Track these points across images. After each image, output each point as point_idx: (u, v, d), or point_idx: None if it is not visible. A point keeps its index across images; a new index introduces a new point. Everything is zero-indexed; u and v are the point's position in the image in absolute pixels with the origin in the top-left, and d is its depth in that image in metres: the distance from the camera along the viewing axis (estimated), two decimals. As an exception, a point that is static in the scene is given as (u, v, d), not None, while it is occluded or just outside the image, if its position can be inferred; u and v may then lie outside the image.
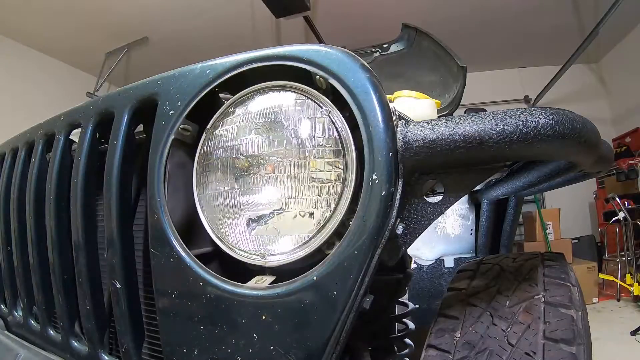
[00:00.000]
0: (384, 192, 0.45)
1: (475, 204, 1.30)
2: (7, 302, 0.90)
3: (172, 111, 0.57)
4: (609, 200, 4.08)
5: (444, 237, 1.34)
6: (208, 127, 0.55)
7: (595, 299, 3.78)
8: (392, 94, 1.16)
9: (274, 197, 0.49)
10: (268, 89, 0.52)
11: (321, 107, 0.49)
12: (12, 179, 0.85)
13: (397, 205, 0.46)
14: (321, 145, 0.48)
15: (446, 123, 0.46)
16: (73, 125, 0.72)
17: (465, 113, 0.51)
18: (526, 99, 5.76)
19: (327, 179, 0.48)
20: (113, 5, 4.01)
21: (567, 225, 4.78)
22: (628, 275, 3.64)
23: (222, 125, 0.54)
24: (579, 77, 5.57)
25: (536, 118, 0.44)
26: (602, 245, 4.74)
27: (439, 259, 1.38)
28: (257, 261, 0.51)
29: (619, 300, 3.75)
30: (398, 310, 0.79)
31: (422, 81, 1.89)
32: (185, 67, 0.59)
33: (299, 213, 0.49)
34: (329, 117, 0.49)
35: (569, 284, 0.63)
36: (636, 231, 3.89)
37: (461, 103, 1.65)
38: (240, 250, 0.52)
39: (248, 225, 0.51)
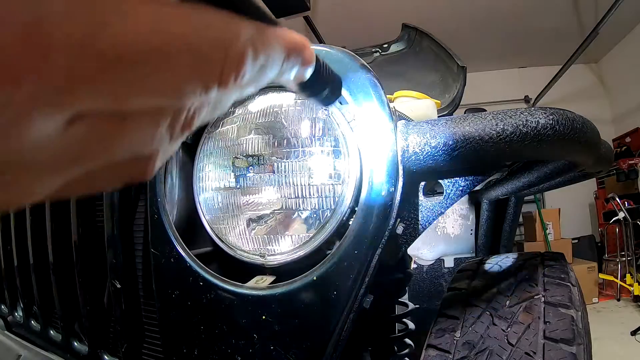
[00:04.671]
0: (384, 192, 0.45)
1: (475, 204, 1.30)
2: (7, 303, 0.90)
3: (172, 111, 0.56)
4: (609, 200, 4.07)
5: (444, 237, 1.34)
6: (208, 127, 0.55)
7: (595, 299, 3.78)
8: (392, 94, 1.16)
9: (274, 197, 0.49)
10: (268, 89, 0.52)
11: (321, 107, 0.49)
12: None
13: (397, 205, 0.46)
14: (321, 145, 0.49)
15: (446, 123, 0.46)
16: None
17: (465, 113, 0.51)
18: (526, 99, 5.75)
19: (327, 179, 0.48)
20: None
21: (567, 225, 4.78)
22: (628, 275, 3.64)
23: (222, 125, 0.54)
24: (579, 77, 5.57)
25: (536, 118, 0.44)
26: (602, 246, 4.73)
27: (439, 259, 1.37)
28: (257, 261, 0.51)
29: (619, 300, 3.75)
30: (398, 310, 0.79)
31: (422, 81, 1.89)
32: (185, 67, 0.59)
33: (299, 213, 0.49)
34: (329, 117, 0.49)
35: (569, 284, 0.63)
36: (636, 231, 3.89)
37: (461, 103, 1.65)
38: (240, 250, 0.52)
39: (248, 225, 0.51)
